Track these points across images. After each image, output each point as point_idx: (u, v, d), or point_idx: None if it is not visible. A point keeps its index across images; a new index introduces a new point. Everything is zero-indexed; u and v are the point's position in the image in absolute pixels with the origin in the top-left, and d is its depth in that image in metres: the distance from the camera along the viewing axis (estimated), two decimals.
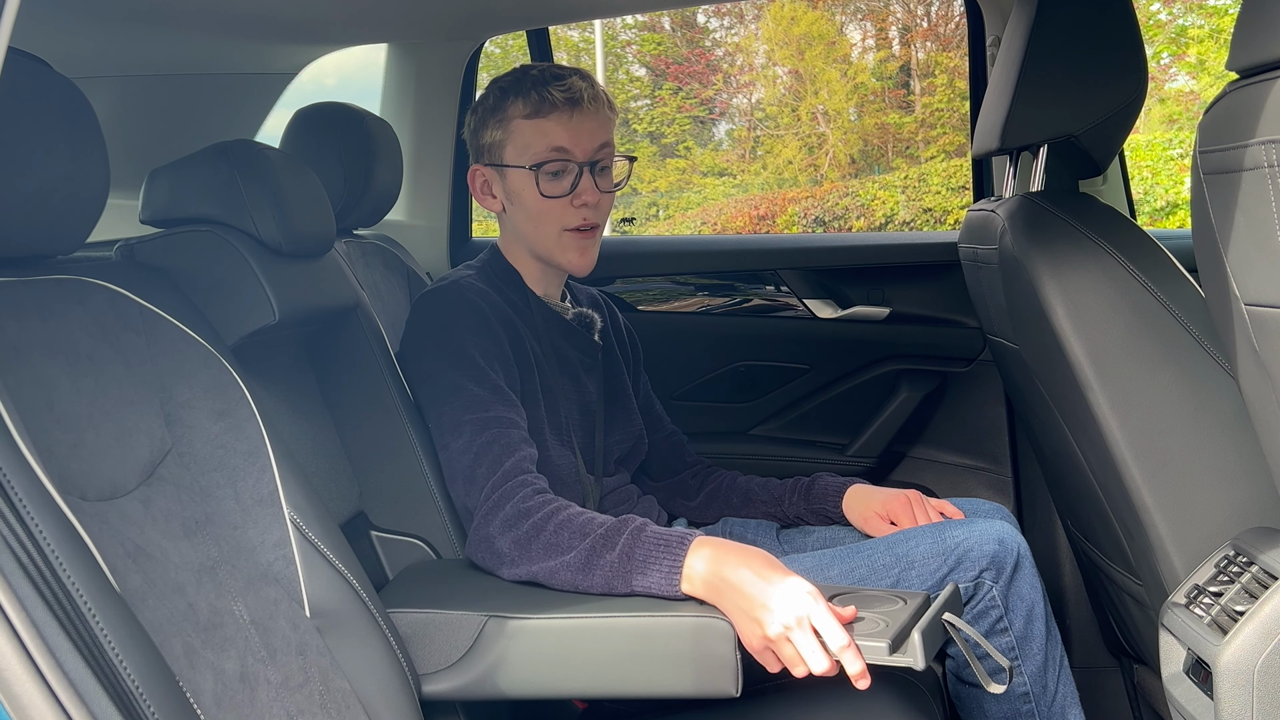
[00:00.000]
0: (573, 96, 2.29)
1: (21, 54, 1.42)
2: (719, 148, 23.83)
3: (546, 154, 2.28)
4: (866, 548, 2.21)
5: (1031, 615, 2.16)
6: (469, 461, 2.05)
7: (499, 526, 1.96)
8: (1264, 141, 1.46)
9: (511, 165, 2.31)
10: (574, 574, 1.88)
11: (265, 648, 1.60)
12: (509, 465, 2.02)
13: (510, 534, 1.94)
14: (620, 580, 1.85)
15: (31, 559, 1.22)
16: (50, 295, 1.54)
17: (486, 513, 1.98)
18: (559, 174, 2.30)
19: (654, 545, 1.86)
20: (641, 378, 2.67)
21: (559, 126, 2.28)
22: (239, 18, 2.81)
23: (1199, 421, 1.99)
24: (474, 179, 2.39)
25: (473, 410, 2.08)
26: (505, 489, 1.99)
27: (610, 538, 1.88)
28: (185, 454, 1.69)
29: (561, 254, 2.35)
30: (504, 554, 1.95)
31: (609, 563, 1.86)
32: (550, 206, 2.30)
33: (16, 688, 1.16)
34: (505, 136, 2.31)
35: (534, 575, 1.92)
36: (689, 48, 23.56)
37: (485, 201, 2.40)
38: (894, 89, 22.15)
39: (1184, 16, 17.82)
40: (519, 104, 2.29)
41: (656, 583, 1.83)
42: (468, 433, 2.06)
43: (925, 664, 1.70)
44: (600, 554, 1.87)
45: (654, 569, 1.84)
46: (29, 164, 1.41)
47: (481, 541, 1.98)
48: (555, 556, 1.90)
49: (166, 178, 1.97)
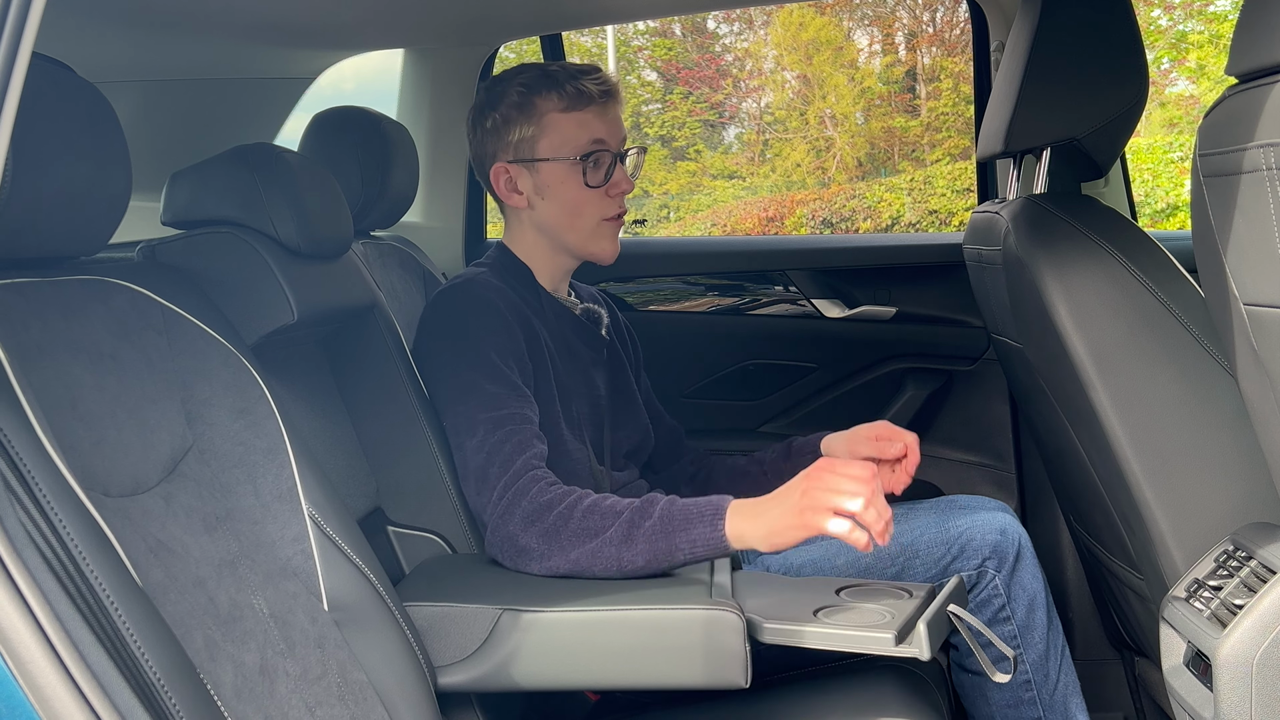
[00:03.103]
0: (606, 89, 2.33)
1: (46, 59, 1.44)
2: (729, 151, 23.75)
3: (589, 145, 2.31)
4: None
5: (1033, 604, 2.19)
6: (482, 460, 2.05)
7: (520, 523, 1.95)
8: (1262, 145, 1.48)
9: (549, 159, 2.32)
10: (616, 549, 1.89)
11: (284, 640, 1.61)
12: (519, 464, 2.02)
13: (535, 528, 1.94)
14: (664, 542, 1.87)
15: (55, 554, 1.24)
16: (73, 295, 1.55)
17: (502, 512, 1.98)
18: (598, 165, 2.33)
19: (689, 506, 1.89)
20: (642, 376, 2.69)
21: (596, 118, 2.31)
22: (259, 23, 2.82)
23: (1199, 419, 2.00)
24: (497, 177, 2.38)
25: (487, 409, 2.09)
26: (518, 487, 1.99)
27: (645, 509, 1.91)
28: (206, 451, 1.70)
29: (596, 244, 2.37)
30: (532, 549, 1.94)
31: (649, 529, 1.88)
32: (590, 197, 2.32)
33: (41, 679, 1.18)
34: (538, 131, 2.32)
35: (573, 563, 1.92)
36: (699, 53, 23.48)
37: (510, 199, 2.38)
38: (900, 93, 22.07)
39: (1184, 22, 17.74)
40: (553, 98, 2.31)
41: (702, 534, 1.86)
42: (481, 431, 2.07)
43: (930, 654, 1.72)
44: (638, 524, 1.89)
45: (697, 524, 1.86)
46: (53, 167, 1.42)
47: (504, 541, 1.97)
48: (592, 538, 1.91)
49: (187, 180, 1.98)
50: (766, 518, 1.82)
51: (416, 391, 2.24)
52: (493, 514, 2.01)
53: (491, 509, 2.01)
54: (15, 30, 1.15)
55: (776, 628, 1.81)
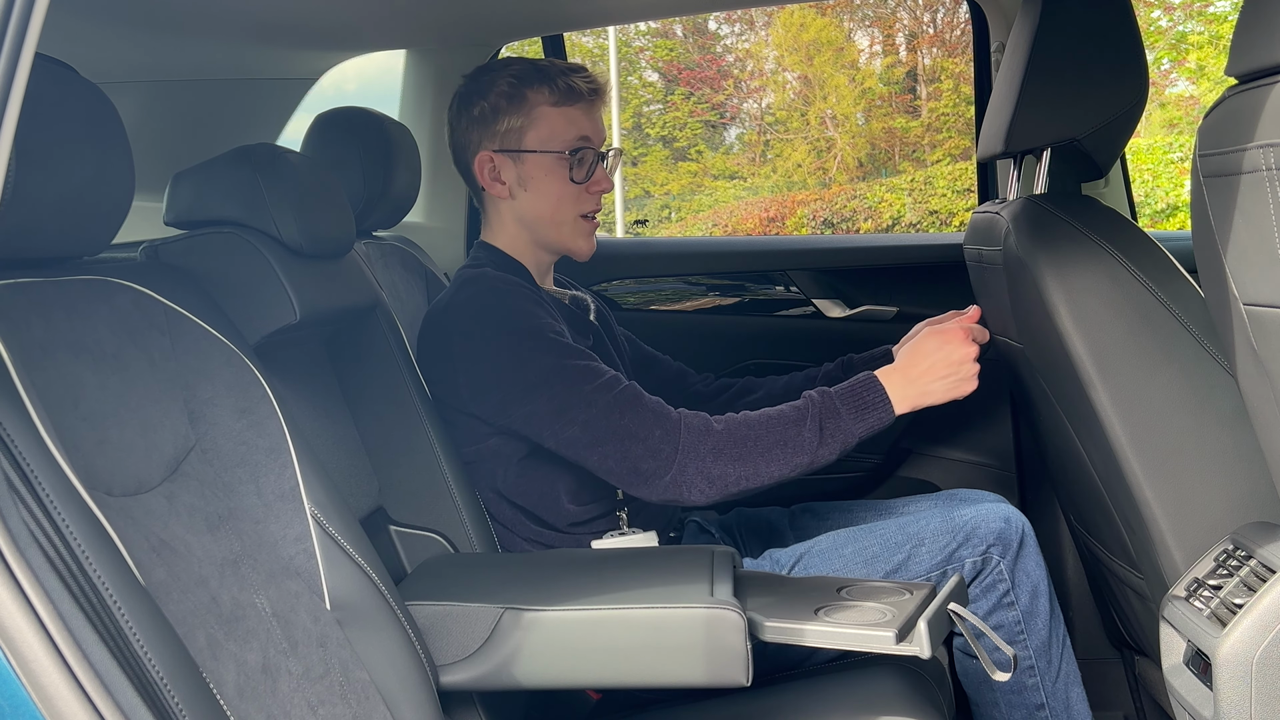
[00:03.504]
0: (595, 88, 2.37)
1: (49, 60, 1.44)
2: (730, 151, 23.77)
3: (576, 141, 2.34)
4: (879, 527, 2.25)
5: (1036, 592, 2.20)
6: (617, 417, 2.09)
7: (711, 456, 2.06)
8: (1262, 145, 1.48)
9: (535, 151, 2.34)
10: (812, 450, 2.09)
11: (287, 639, 1.61)
12: (654, 405, 2.11)
13: (727, 454, 2.06)
14: (850, 429, 2.12)
15: (58, 553, 1.24)
16: (77, 295, 1.55)
17: (677, 453, 2.06)
18: (582, 163, 2.35)
19: (859, 393, 2.14)
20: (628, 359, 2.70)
21: (584, 116, 2.35)
22: (262, 24, 2.83)
23: (1199, 418, 2.00)
24: (481, 166, 2.40)
25: (589, 380, 2.12)
26: (685, 423, 2.09)
27: (824, 406, 2.13)
28: (208, 450, 1.71)
29: (573, 240, 2.39)
30: (729, 475, 2.06)
31: (834, 426, 2.11)
32: (573, 192, 2.35)
33: (44, 678, 1.18)
34: (527, 122, 2.34)
35: (773, 474, 2.08)
36: (701, 53, 23.49)
37: (492, 187, 2.40)
38: (901, 94, 22.09)
39: (1184, 23, 17.76)
40: (544, 91, 2.33)
41: (877, 417, 2.14)
42: (599, 399, 2.10)
43: (931, 652, 1.73)
44: (827, 421, 2.11)
45: (871, 410, 2.13)
46: (56, 167, 1.43)
47: (695, 478, 2.07)
48: (784, 447, 2.08)
49: (190, 180, 1.98)
50: (919, 389, 2.18)
51: (419, 391, 2.25)
52: (665, 455, 2.07)
53: (655, 459, 2.07)
54: (18, 31, 1.15)
55: (777, 626, 1.82)
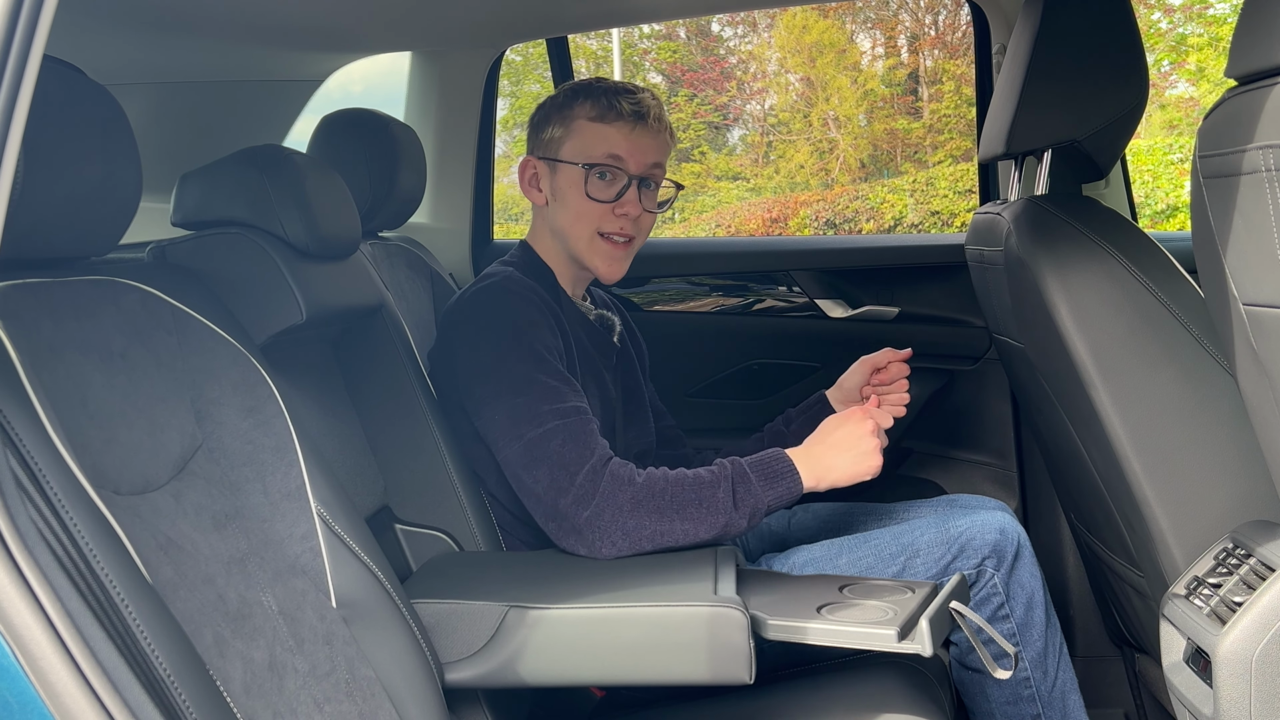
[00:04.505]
0: (640, 110, 2.35)
1: (57, 62, 1.45)
2: (733, 153, 23.74)
3: (602, 158, 2.34)
4: (873, 537, 2.26)
5: (1032, 603, 2.20)
6: (556, 449, 2.07)
7: (629, 506, 2.02)
8: (1262, 146, 1.49)
9: (565, 161, 2.36)
10: (726, 514, 2.04)
11: (293, 637, 1.62)
12: (601, 451, 2.08)
13: (644, 508, 2.02)
14: (761, 499, 2.07)
15: (66, 551, 1.25)
16: (84, 295, 1.56)
17: (593, 497, 2.02)
18: (609, 179, 2.35)
19: (770, 464, 2.10)
20: (648, 381, 2.71)
21: (620, 135, 2.34)
22: (269, 26, 2.84)
23: (1198, 418, 2.01)
24: (524, 170, 2.44)
25: (549, 401, 2.11)
26: (610, 472, 2.05)
27: (737, 473, 2.08)
28: (215, 449, 1.71)
29: (590, 257, 2.39)
30: (644, 527, 2.02)
31: (745, 492, 2.06)
32: (592, 209, 2.35)
33: (52, 676, 1.18)
34: (566, 134, 2.36)
35: (684, 533, 2.03)
36: (704, 55, 23.46)
37: (530, 194, 2.44)
38: (902, 95, 22.06)
39: (1184, 25, 17.75)
40: (587, 105, 2.35)
41: (787, 488, 2.09)
42: (551, 421, 2.08)
43: (932, 650, 1.73)
44: (739, 487, 2.07)
45: (782, 479, 2.09)
46: (64, 168, 1.43)
47: (604, 525, 2.03)
48: (699, 507, 2.03)
49: (197, 181, 1.99)
50: (824, 465, 2.12)
51: (424, 391, 2.26)
52: (580, 496, 2.04)
53: (575, 496, 2.04)
54: (27, 32, 1.15)
55: (780, 624, 1.82)
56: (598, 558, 2.03)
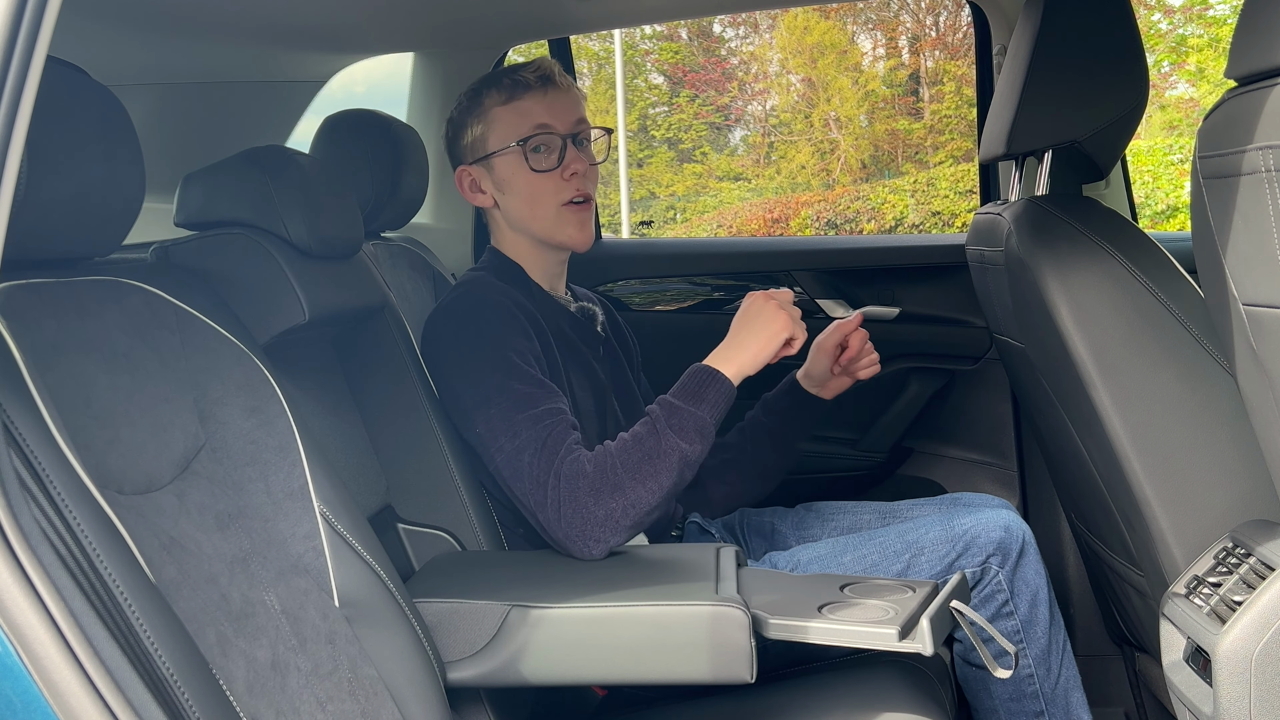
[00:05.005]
0: (544, 74, 2.38)
1: (61, 63, 1.45)
2: (734, 153, 23.80)
3: (531, 130, 2.35)
4: (878, 535, 2.26)
5: (1036, 600, 2.20)
6: (530, 459, 2.07)
7: (591, 498, 2.02)
8: (1261, 147, 1.49)
9: (497, 151, 2.37)
10: (680, 456, 2.04)
11: (296, 636, 1.62)
12: (562, 451, 2.07)
13: (604, 491, 2.02)
14: (704, 419, 2.08)
15: (70, 551, 1.25)
16: (88, 295, 1.56)
17: (565, 499, 2.02)
18: (545, 150, 2.37)
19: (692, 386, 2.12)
20: (641, 377, 2.72)
21: (536, 104, 2.36)
22: (272, 27, 2.84)
23: (1199, 417, 2.01)
24: (461, 181, 2.46)
25: (522, 409, 2.10)
26: (566, 472, 2.04)
27: (670, 412, 2.09)
28: (218, 449, 1.71)
29: (561, 231, 2.40)
30: (616, 509, 2.02)
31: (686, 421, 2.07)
32: (544, 183, 2.37)
33: (55, 674, 1.18)
34: (487, 128, 2.38)
35: (655, 490, 2.03)
36: (705, 56, 23.51)
37: (476, 199, 2.46)
38: (903, 96, 22.12)
39: (1184, 26, 17.79)
40: (494, 93, 2.38)
41: (720, 393, 2.11)
42: (524, 432, 2.09)
43: (933, 649, 1.73)
44: (677, 424, 2.07)
45: (710, 389, 2.11)
46: (68, 169, 1.43)
47: (584, 523, 2.02)
48: (654, 460, 2.03)
49: (200, 182, 1.99)
50: (742, 351, 2.16)
51: (427, 391, 2.26)
52: (552, 506, 2.04)
53: (551, 502, 2.04)
54: (30, 34, 1.15)
55: (781, 623, 1.83)
56: (594, 559, 2.04)
